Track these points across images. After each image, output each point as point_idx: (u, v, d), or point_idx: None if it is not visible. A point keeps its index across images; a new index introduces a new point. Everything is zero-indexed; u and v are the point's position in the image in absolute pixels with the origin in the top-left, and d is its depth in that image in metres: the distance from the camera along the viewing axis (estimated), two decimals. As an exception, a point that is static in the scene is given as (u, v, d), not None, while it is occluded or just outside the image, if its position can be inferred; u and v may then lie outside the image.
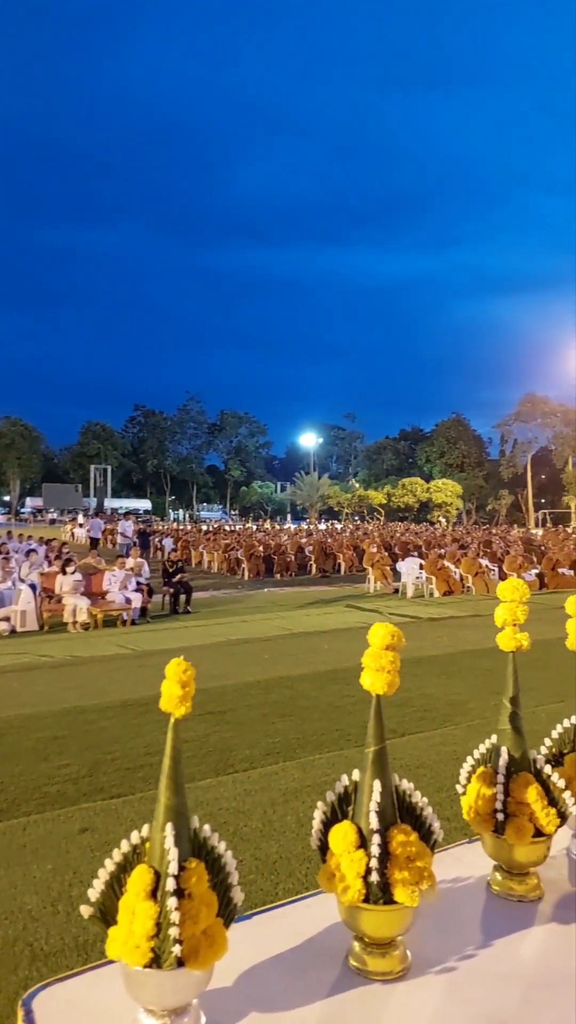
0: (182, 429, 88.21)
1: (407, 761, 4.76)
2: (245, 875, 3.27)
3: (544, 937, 1.13)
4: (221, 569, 22.46)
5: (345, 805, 1.12)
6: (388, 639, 1.08)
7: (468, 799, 1.26)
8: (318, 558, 22.11)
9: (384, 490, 67.78)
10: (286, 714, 6.01)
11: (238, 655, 8.88)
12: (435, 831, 1.09)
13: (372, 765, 1.08)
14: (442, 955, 1.09)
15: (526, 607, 1.26)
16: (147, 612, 12.88)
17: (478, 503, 73.77)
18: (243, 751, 5.06)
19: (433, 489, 65.04)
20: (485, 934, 1.14)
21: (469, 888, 1.28)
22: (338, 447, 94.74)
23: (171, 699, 0.97)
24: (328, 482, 67.35)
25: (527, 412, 68.50)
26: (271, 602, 14.86)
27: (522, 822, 1.19)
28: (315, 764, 4.76)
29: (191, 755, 4.94)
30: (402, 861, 1.02)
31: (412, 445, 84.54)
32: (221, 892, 0.96)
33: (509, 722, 1.26)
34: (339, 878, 1.04)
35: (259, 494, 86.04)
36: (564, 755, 1.38)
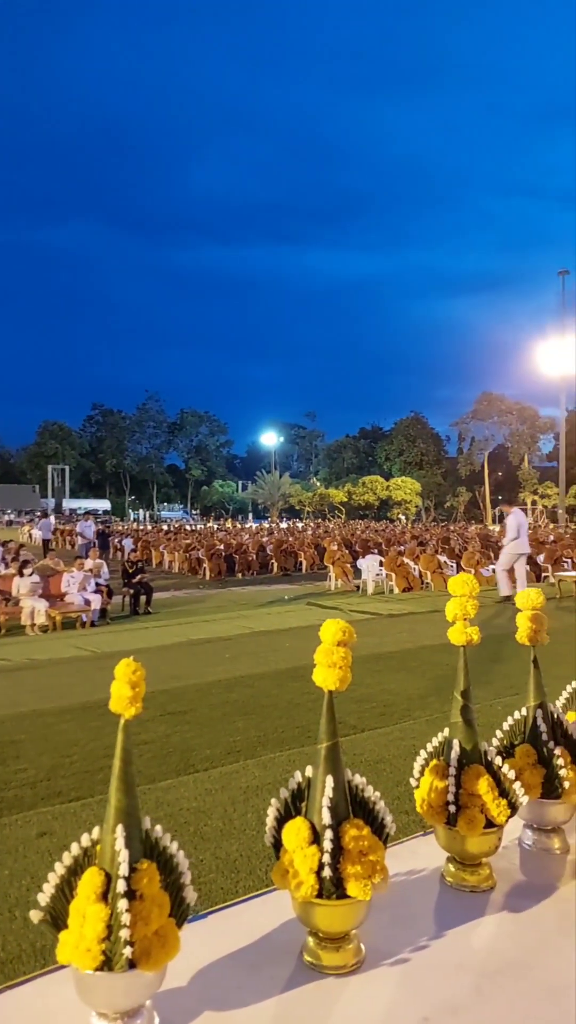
0: (141, 428, 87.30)
1: (367, 756, 4.80)
2: (205, 874, 3.26)
3: (495, 926, 1.16)
4: (182, 569, 22.31)
5: (298, 801, 1.12)
6: (340, 635, 1.09)
7: (421, 792, 1.28)
8: (279, 557, 22.14)
9: (345, 488, 68.23)
10: (247, 713, 6.01)
11: (199, 655, 8.83)
12: (387, 825, 1.10)
13: (325, 761, 1.08)
14: (395, 947, 1.10)
15: (476, 602, 1.28)
16: (107, 613, 12.72)
17: (437, 500, 74.85)
18: (204, 751, 5.04)
19: (393, 487, 65.74)
20: (438, 925, 1.16)
21: (423, 880, 1.30)
22: (299, 446, 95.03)
23: (120, 700, 0.96)
24: (289, 481, 67.50)
25: (483, 410, 69.76)
26: (232, 601, 14.82)
27: (474, 813, 1.21)
28: (275, 762, 4.77)
29: (152, 756, 4.90)
30: (355, 855, 1.03)
31: (372, 443, 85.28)
32: (173, 892, 0.96)
33: (460, 715, 1.28)
34: (292, 874, 1.04)
35: (220, 493, 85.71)
36: (515, 746, 1.41)
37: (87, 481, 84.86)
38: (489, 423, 70.65)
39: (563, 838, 1.40)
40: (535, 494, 63.36)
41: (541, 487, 63.21)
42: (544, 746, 1.36)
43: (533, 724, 1.39)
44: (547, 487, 61.50)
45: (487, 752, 1.28)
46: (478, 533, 28.41)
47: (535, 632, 1.41)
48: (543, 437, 69.56)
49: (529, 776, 1.33)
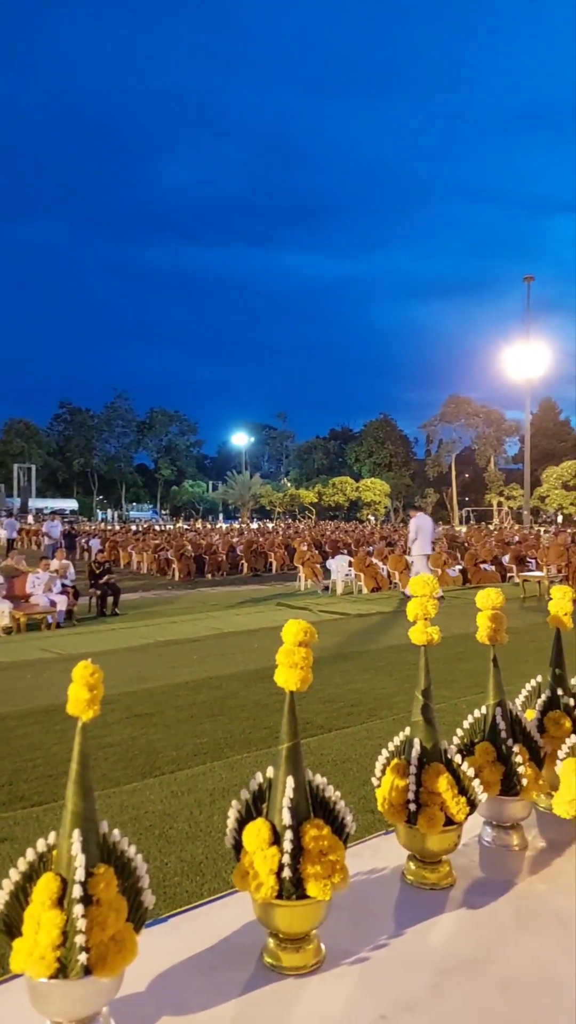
0: (110, 427, 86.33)
1: (334, 756, 4.82)
2: (170, 877, 3.24)
3: (453, 923, 1.17)
4: (151, 570, 22.13)
5: (259, 803, 1.12)
6: (301, 636, 1.09)
7: (382, 791, 1.29)
8: (249, 557, 22.11)
9: (315, 489, 68.43)
10: (214, 714, 5.98)
11: (167, 656, 8.77)
12: (348, 824, 1.10)
13: (286, 761, 1.08)
14: (355, 946, 1.10)
15: (436, 602, 1.30)
16: (73, 615, 12.55)
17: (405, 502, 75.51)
18: (170, 753, 5.00)
19: (362, 488, 66.14)
20: (397, 923, 1.17)
21: (384, 879, 1.31)
22: (270, 446, 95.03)
23: (78, 703, 0.94)
24: (260, 481, 67.44)
25: (451, 413, 70.62)
26: (201, 602, 14.74)
27: (433, 811, 1.23)
28: (242, 763, 4.75)
29: (117, 759, 4.84)
30: (315, 855, 1.03)
31: (342, 445, 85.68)
32: (131, 896, 0.95)
33: (421, 714, 1.29)
34: (252, 875, 1.04)
35: (190, 493, 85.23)
36: (475, 744, 1.42)
37: (54, 480, 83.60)
38: (456, 426, 71.57)
39: (521, 834, 1.42)
40: (501, 495, 64.35)
41: (507, 489, 64.23)
42: (503, 744, 1.38)
43: (492, 722, 1.41)
44: (513, 489, 62.50)
45: (447, 750, 1.29)
46: (445, 534, 28.74)
47: (495, 631, 1.43)
48: (509, 440, 70.73)
49: (488, 774, 1.35)
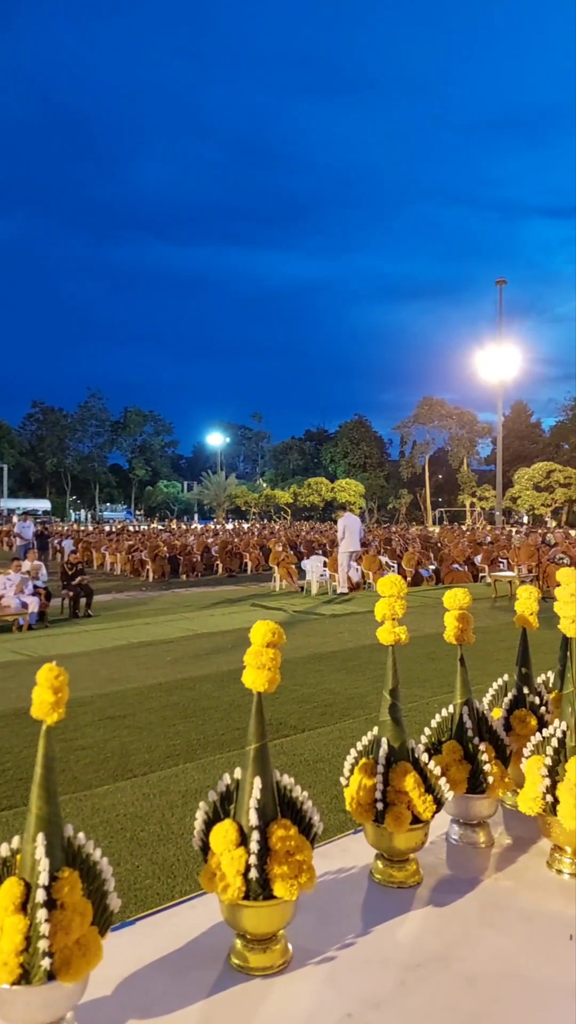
0: (83, 427, 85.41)
1: (307, 756, 4.83)
2: (142, 880, 3.22)
3: (420, 920, 1.18)
4: (124, 571, 21.95)
5: (227, 804, 1.12)
6: (269, 636, 1.09)
7: (350, 790, 1.30)
8: (224, 558, 22.05)
9: (291, 489, 68.49)
10: (187, 715, 5.96)
11: (140, 658, 8.70)
12: (315, 824, 1.11)
13: (253, 762, 1.08)
14: (322, 945, 1.11)
15: (404, 602, 1.31)
16: (45, 616, 12.40)
17: (380, 502, 75.99)
18: (142, 755, 4.97)
19: (337, 489, 66.35)
20: (365, 921, 1.17)
21: (352, 878, 1.32)
22: (245, 447, 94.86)
23: (42, 706, 0.93)
24: (235, 482, 67.32)
25: (425, 415, 71.21)
26: (176, 603, 14.67)
27: (400, 810, 1.23)
28: (216, 764, 4.74)
29: (89, 762, 4.80)
30: (281, 856, 1.03)
31: (317, 445, 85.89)
32: (96, 900, 0.94)
33: (389, 713, 1.30)
34: (219, 877, 1.04)
35: (165, 494, 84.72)
36: (442, 743, 1.44)
37: (26, 480, 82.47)
38: (430, 427, 72.19)
39: (488, 832, 1.44)
40: (474, 496, 65.06)
41: (479, 490, 64.95)
42: (470, 742, 1.39)
43: (460, 721, 1.42)
44: (485, 490, 63.22)
45: (414, 749, 1.31)
46: (419, 534, 28.96)
47: (462, 631, 1.44)
48: (481, 441, 71.53)
49: (455, 772, 1.37)
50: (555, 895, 1.24)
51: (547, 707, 1.57)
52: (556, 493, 49.51)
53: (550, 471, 50.46)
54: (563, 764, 1.27)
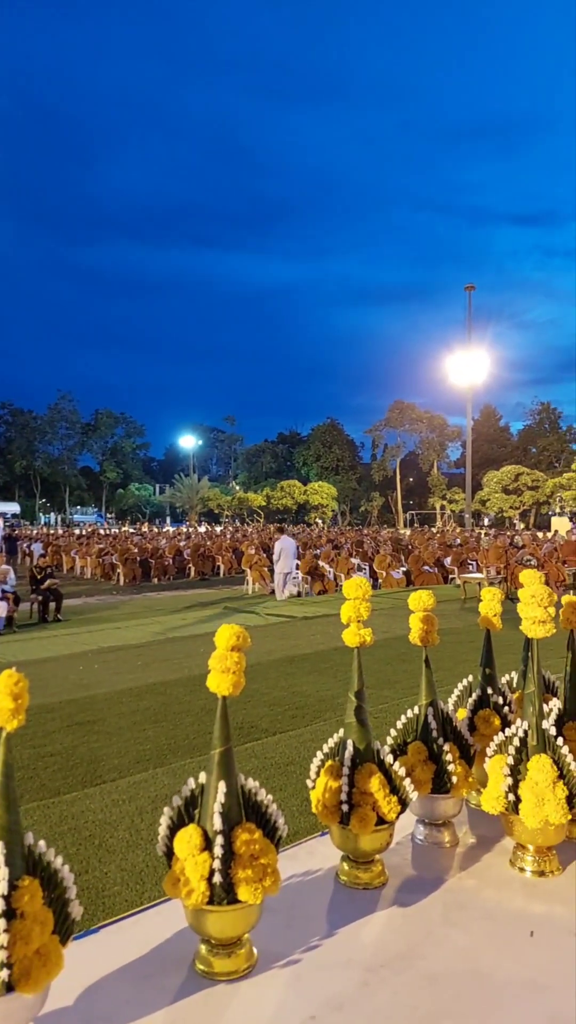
0: (53, 429, 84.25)
1: (278, 759, 4.83)
2: (110, 887, 3.18)
3: (384, 921, 1.19)
4: (95, 575, 21.71)
5: (191, 808, 1.11)
6: (234, 640, 1.09)
7: (316, 793, 1.30)
8: (196, 561, 21.94)
9: (263, 492, 68.45)
10: (158, 720, 5.91)
11: (110, 663, 8.62)
12: (280, 827, 1.11)
13: (218, 766, 1.08)
14: (287, 948, 1.11)
15: (369, 604, 1.32)
16: (13, 621, 12.21)
17: (352, 505, 76.37)
18: (112, 760, 4.92)
19: (310, 491, 66.52)
20: (330, 923, 1.18)
21: (318, 880, 1.32)
22: (218, 449, 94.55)
23: (2, 712, 0.92)
24: (208, 484, 67.08)
25: (396, 418, 71.79)
26: (147, 607, 14.55)
27: (365, 811, 1.24)
28: (186, 769, 4.71)
29: (57, 768, 4.73)
30: (246, 860, 1.03)
31: (290, 448, 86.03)
32: (57, 908, 0.93)
33: (354, 715, 1.31)
34: (183, 882, 1.03)
35: (136, 496, 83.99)
36: (408, 744, 1.45)
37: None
38: (401, 431, 72.80)
39: (452, 831, 1.46)
40: (444, 499, 65.75)
41: (449, 492, 65.67)
42: (435, 743, 1.41)
43: (424, 722, 1.44)
44: (455, 492, 63.94)
45: (379, 751, 1.31)
46: (390, 537, 29.17)
47: (426, 633, 1.46)
48: (451, 445, 72.31)
49: (420, 772, 1.38)
50: (517, 893, 1.26)
51: (511, 707, 1.60)
52: (524, 496, 50.29)
53: (518, 474, 51.25)
54: (525, 763, 1.29)
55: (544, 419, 71.18)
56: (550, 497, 49.74)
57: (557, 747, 1.29)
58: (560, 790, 1.23)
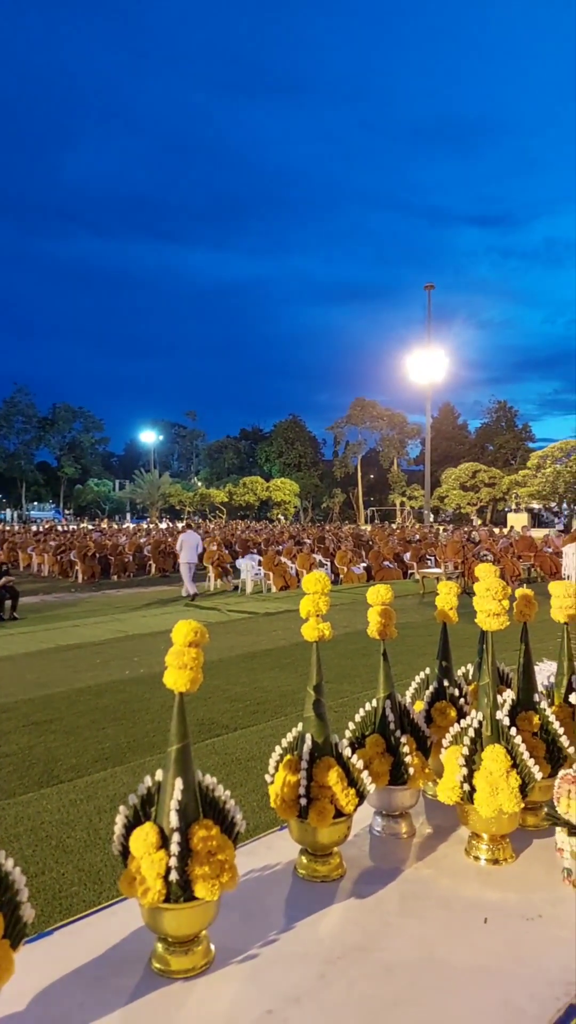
0: (8, 423, 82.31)
1: (238, 755, 4.83)
2: (67, 888, 3.13)
3: (342, 913, 1.19)
4: (53, 572, 21.32)
5: (148, 806, 1.10)
6: (191, 636, 1.08)
7: (275, 787, 1.30)
8: (157, 558, 21.74)
9: (226, 488, 68.18)
10: (117, 718, 5.84)
11: (68, 661, 8.48)
12: (238, 823, 1.10)
13: (175, 763, 1.07)
14: (245, 943, 1.11)
15: (328, 598, 1.32)
16: (-33, 619, 11.91)
17: (314, 501, 76.65)
18: (70, 760, 4.84)
19: (272, 488, 66.51)
20: (288, 917, 1.18)
21: (276, 875, 1.32)
22: (179, 445, 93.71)
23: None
24: (169, 480, 66.47)
25: (357, 416, 72.27)
26: (106, 605, 14.36)
27: (323, 804, 1.25)
28: (146, 767, 4.67)
29: (12, 769, 4.64)
30: (203, 856, 1.02)
31: (252, 444, 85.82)
32: (7, 912, 0.91)
33: (313, 709, 1.31)
34: (139, 881, 1.02)
35: (96, 492, 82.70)
36: (366, 737, 1.46)
37: (-53, 479, 78.96)
38: (362, 428, 73.32)
39: (410, 822, 1.47)
40: (403, 496, 66.51)
41: (409, 489, 66.46)
42: (392, 735, 1.42)
43: (382, 715, 1.45)
44: (414, 489, 64.74)
45: (338, 744, 1.32)
46: (351, 533, 29.38)
47: (384, 626, 1.47)
48: (411, 442, 73.16)
49: (378, 765, 1.39)
50: (472, 881, 1.28)
51: (466, 699, 1.62)
52: (481, 492, 51.21)
53: (475, 471, 52.16)
54: (479, 753, 1.31)
55: (501, 417, 72.54)
56: (506, 494, 50.75)
57: (511, 737, 1.31)
58: (513, 779, 1.26)
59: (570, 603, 1.55)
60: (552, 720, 1.45)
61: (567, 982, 0.99)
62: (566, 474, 37.86)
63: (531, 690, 1.50)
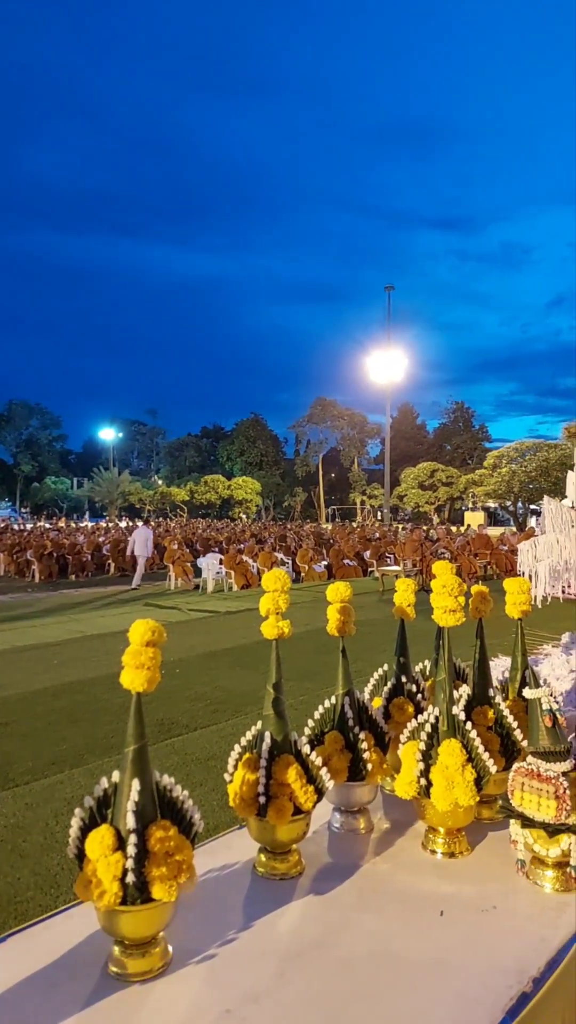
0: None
1: (198, 754, 4.80)
2: (23, 892, 3.07)
3: (301, 910, 1.20)
4: (8, 572, 20.86)
5: (104, 809, 1.08)
6: (148, 635, 1.07)
7: (234, 786, 1.29)
8: (116, 557, 21.46)
9: (187, 487, 67.68)
10: (75, 720, 5.75)
11: (24, 662, 8.31)
12: (196, 823, 1.09)
13: (132, 764, 1.06)
14: (203, 944, 1.10)
15: (287, 596, 1.32)
16: None
17: (275, 500, 76.68)
18: (25, 763, 4.75)
19: (234, 486, 66.30)
20: (246, 916, 1.18)
21: (235, 873, 1.32)
22: (139, 443, 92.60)
23: None
24: (129, 478, 65.70)
25: (318, 415, 72.55)
26: (64, 604, 14.11)
27: (282, 802, 1.25)
28: (104, 768, 4.60)
29: (-35, 774, 4.52)
30: (160, 857, 1.01)
31: (214, 443, 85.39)
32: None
33: (272, 707, 1.31)
34: (95, 884, 1.00)
35: (53, 490, 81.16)
36: (325, 734, 1.47)
37: None
38: (323, 427, 73.60)
39: (368, 818, 1.49)
40: (364, 495, 67.05)
41: (369, 488, 67.02)
42: (351, 732, 1.43)
43: (341, 711, 1.45)
44: (374, 488, 65.32)
45: (296, 742, 1.32)
46: (313, 531, 29.49)
47: (343, 623, 1.48)
48: (371, 441, 73.77)
49: (337, 761, 1.40)
50: (428, 874, 1.29)
51: (424, 694, 1.64)
52: (439, 491, 51.91)
53: (434, 470, 52.85)
54: (436, 748, 1.33)
55: (458, 418, 73.73)
56: (463, 493, 51.56)
57: (466, 731, 1.34)
58: (469, 773, 1.28)
59: (524, 599, 1.59)
60: (506, 714, 1.48)
61: (519, 971, 1.01)
62: (521, 474, 38.66)
63: (486, 685, 1.53)
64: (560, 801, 1.21)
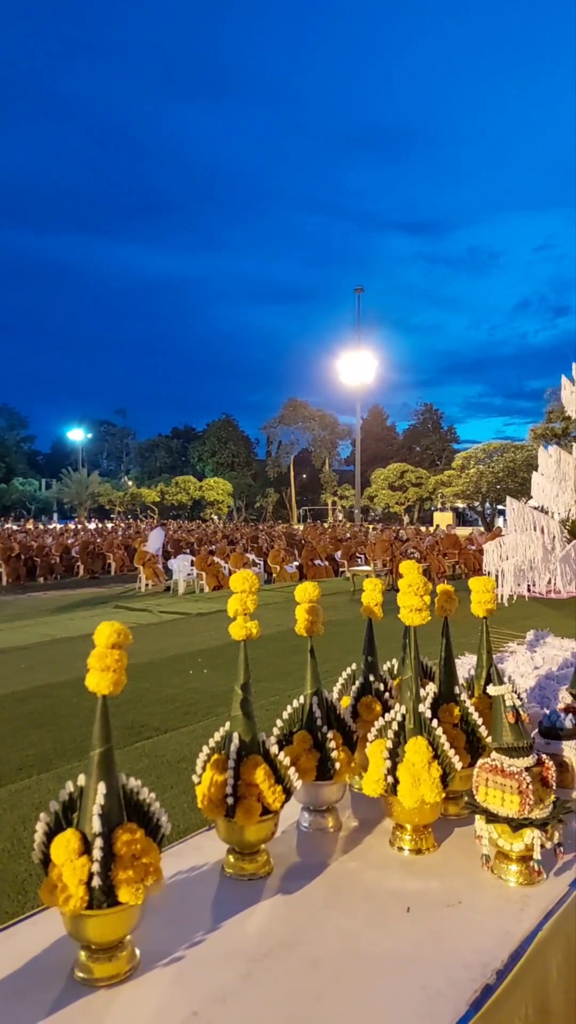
0: None
1: (169, 757, 4.77)
2: (-11, 903, 3.02)
3: (269, 910, 1.20)
4: (-26, 574, 20.47)
5: (70, 812, 1.07)
6: (114, 637, 1.06)
7: (202, 788, 1.29)
8: (86, 559, 21.23)
9: (158, 488, 67.18)
10: (43, 724, 5.67)
11: (-9, 666, 8.17)
12: (163, 825, 1.09)
13: (97, 767, 1.05)
14: (171, 946, 1.10)
15: (256, 597, 1.32)
16: None
17: (247, 501, 76.55)
18: (-8, 769, 4.67)
19: (205, 487, 66.03)
20: (214, 917, 1.18)
21: (204, 875, 1.31)
22: (109, 443, 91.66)
23: None
24: (98, 479, 65.05)
25: (289, 416, 72.68)
26: (32, 608, 13.91)
27: (250, 803, 1.25)
28: (73, 772, 4.52)
29: None
30: (127, 860, 1.01)
31: (185, 443, 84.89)
32: None
33: (240, 708, 1.31)
34: (60, 888, 0.99)
35: (20, 492, 79.84)
36: (294, 733, 1.47)
37: None
38: (294, 428, 73.73)
39: (336, 816, 1.50)
40: (335, 495, 67.34)
41: (340, 489, 67.35)
42: (319, 731, 1.44)
43: (309, 711, 1.46)
44: (345, 489, 65.65)
45: (264, 742, 1.32)
46: (284, 532, 29.51)
47: (311, 623, 1.48)
48: (342, 443, 74.15)
49: (305, 761, 1.40)
50: (396, 872, 1.31)
51: (391, 693, 1.66)
52: (409, 492, 52.39)
53: (403, 471, 53.32)
54: (403, 746, 1.35)
55: (427, 419, 74.57)
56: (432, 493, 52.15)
57: (432, 729, 1.35)
58: (435, 770, 1.30)
59: (489, 598, 1.61)
60: (472, 711, 1.50)
61: (483, 964, 1.03)
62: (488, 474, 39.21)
63: (452, 683, 1.55)
64: (523, 796, 1.23)
